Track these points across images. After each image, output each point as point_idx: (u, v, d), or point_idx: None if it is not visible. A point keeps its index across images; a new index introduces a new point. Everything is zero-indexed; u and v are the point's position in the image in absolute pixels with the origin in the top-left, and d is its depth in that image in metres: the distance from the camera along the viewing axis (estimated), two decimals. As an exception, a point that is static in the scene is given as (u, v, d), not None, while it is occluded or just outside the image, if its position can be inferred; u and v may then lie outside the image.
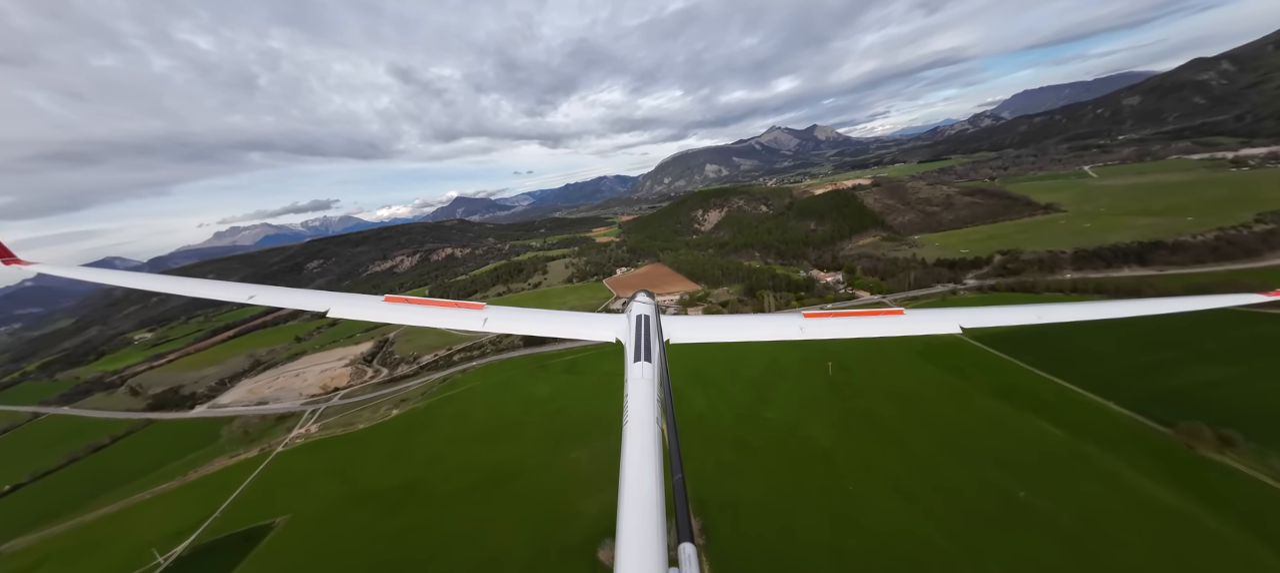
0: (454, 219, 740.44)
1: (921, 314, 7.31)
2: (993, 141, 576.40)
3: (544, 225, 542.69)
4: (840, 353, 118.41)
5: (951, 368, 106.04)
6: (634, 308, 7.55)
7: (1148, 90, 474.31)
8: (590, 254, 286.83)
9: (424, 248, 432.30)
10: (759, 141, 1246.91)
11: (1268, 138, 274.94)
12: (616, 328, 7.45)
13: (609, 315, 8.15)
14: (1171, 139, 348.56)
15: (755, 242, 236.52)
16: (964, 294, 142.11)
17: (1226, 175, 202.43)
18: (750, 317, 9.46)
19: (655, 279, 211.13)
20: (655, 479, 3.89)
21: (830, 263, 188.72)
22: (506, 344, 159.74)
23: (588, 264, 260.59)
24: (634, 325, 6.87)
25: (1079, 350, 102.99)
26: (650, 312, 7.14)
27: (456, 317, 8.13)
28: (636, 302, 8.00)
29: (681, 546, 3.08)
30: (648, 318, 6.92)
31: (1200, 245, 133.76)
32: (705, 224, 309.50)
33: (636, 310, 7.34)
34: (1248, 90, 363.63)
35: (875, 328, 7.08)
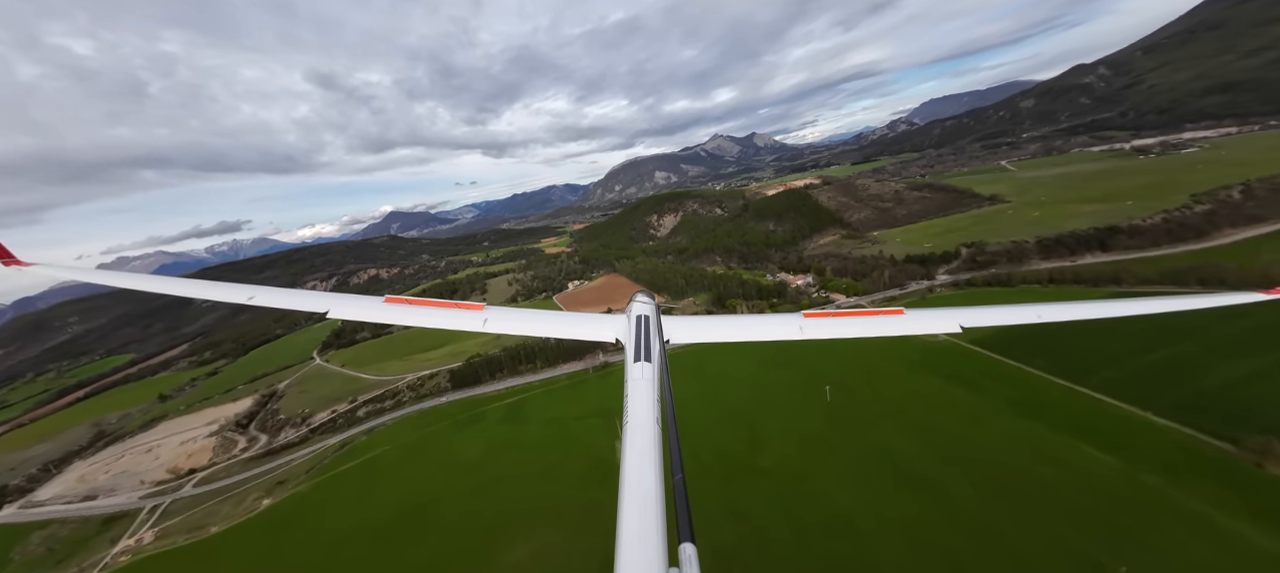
0: (385, 236, 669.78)
1: (922, 314, 7.08)
2: (913, 143, 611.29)
3: (488, 238, 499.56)
4: (834, 371, 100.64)
5: (957, 378, 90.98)
6: (634, 308, 7.14)
7: (1040, 94, 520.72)
8: (538, 268, 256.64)
9: (343, 270, 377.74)
10: (704, 149, 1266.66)
11: (1152, 130, 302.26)
12: (616, 328, 7.11)
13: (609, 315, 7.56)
14: (1069, 134, 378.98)
15: (716, 246, 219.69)
16: (942, 292, 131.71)
17: (1137, 163, 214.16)
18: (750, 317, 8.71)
19: (612, 292, 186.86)
20: (655, 479, 3.80)
21: (796, 264, 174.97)
22: (430, 389, 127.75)
23: (535, 279, 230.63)
24: (634, 325, 6.60)
25: (1083, 349, 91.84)
26: (650, 312, 6.83)
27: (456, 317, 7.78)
28: (636, 302, 7.47)
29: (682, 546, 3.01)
30: (647, 318, 6.63)
31: (1153, 229, 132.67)
32: (661, 229, 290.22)
33: (636, 310, 6.99)
34: (1124, 91, 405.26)
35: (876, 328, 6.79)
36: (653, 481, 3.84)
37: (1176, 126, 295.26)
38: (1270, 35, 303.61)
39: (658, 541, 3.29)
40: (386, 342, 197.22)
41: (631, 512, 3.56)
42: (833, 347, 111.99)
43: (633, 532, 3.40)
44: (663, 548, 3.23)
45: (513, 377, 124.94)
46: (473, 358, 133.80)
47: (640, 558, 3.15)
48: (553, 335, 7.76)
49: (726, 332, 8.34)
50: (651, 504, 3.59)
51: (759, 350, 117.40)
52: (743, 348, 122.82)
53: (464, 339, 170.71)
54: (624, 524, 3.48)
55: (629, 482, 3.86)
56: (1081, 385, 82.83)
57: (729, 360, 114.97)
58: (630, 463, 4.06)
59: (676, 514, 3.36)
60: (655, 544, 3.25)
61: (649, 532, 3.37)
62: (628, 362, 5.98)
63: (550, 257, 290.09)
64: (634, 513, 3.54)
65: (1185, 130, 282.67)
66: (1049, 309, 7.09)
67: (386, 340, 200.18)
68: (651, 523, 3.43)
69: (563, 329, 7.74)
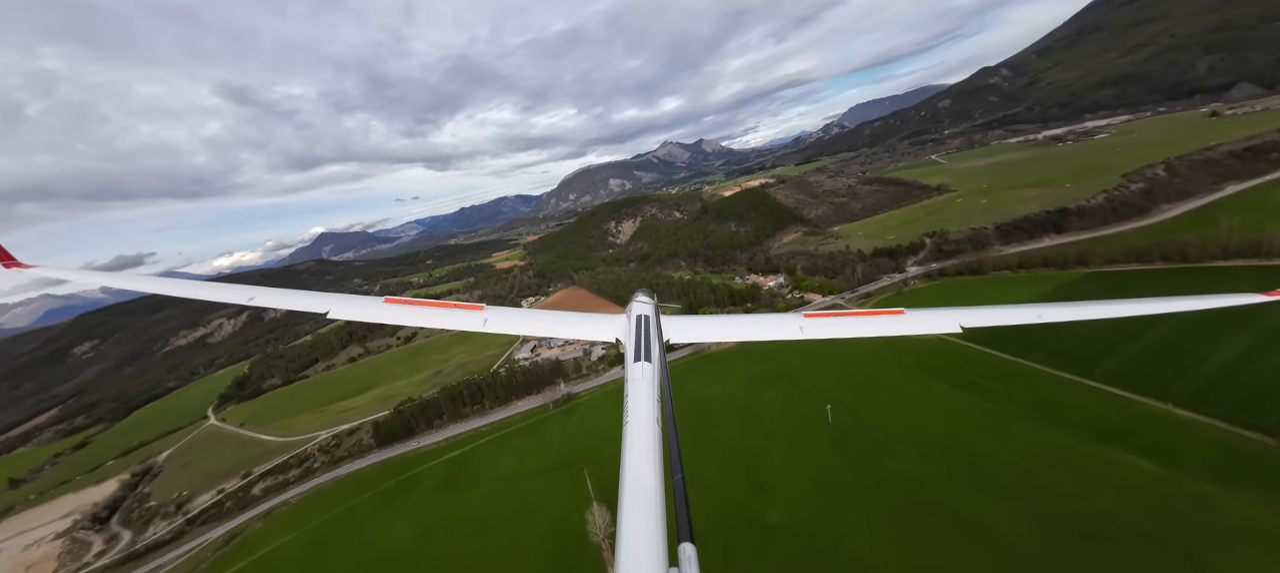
0: (313, 260, 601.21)
1: (922, 314, 6.93)
2: (847, 144, 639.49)
3: (432, 255, 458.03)
4: (828, 384, 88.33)
5: (962, 383, 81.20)
6: (634, 308, 7.05)
7: (955, 94, 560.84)
8: (487, 285, 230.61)
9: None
10: (655, 155, 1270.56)
11: (1057, 121, 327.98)
12: (616, 328, 6.98)
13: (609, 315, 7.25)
14: (986, 129, 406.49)
15: (679, 250, 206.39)
16: (917, 285, 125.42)
17: (1057, 150, 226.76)
18: (750, 316, 8.74)
19: (572, 307, 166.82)
20: (655, 479, 3.79)
21: (765, 265, 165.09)
22: (350, 449, 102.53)
23: (484, 298, 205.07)
24: (634, 325, 6.51)
25: (1075, 338, 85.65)
26: (650, 312, 6.75)
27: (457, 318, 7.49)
28: (636, 301, 7.34)
29: (681, 546, 2.98)
30: (647, 318, 6.55)
31: (1098, 209, 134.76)
32: (620, 236, 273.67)
33: (636, 310, 6.88)
34: (1026, 89, 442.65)
35: (876, 328, 6.73)
36: (653, 481, 3.77)
37: (1078, 117, 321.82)
38: (1146, 34, 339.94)
39: (658, 540, 3.25)
40: (299, 391, 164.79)
41: (631, 512, 3.49)
42: (823, 357, 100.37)
43: (633, 531, 3.33)
44: (663, 548, 3.18)
45: (455, 423, 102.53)
46: (403, 404, 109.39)
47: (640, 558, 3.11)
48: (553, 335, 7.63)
49: (727, 331, 7.98)
50: (651, 504, 3.54)
51: (742, 367, 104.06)
52: (724, 366, 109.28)
53: (392, 379, 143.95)
54: (624, 524, 3.41)
55: (629, 482, 3.79)
56: (1089, 379, 75.82)
57: (710, 381, 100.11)
58: (630, 463, 3.99)
59: (676, 514, 3.30)
60: (655, 544, 3.21)
61: (649, 532, 3.32)
62: (628, 361, 5.89)
63: (502, 272, 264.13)
64: (634, 513, 3.47)
65: (1085, 120, 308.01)
66: (1049, 310, 6.96)
67: (300, 388, 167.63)
68: (651, 523, 3.38)
69: (563, 329, 7.53)
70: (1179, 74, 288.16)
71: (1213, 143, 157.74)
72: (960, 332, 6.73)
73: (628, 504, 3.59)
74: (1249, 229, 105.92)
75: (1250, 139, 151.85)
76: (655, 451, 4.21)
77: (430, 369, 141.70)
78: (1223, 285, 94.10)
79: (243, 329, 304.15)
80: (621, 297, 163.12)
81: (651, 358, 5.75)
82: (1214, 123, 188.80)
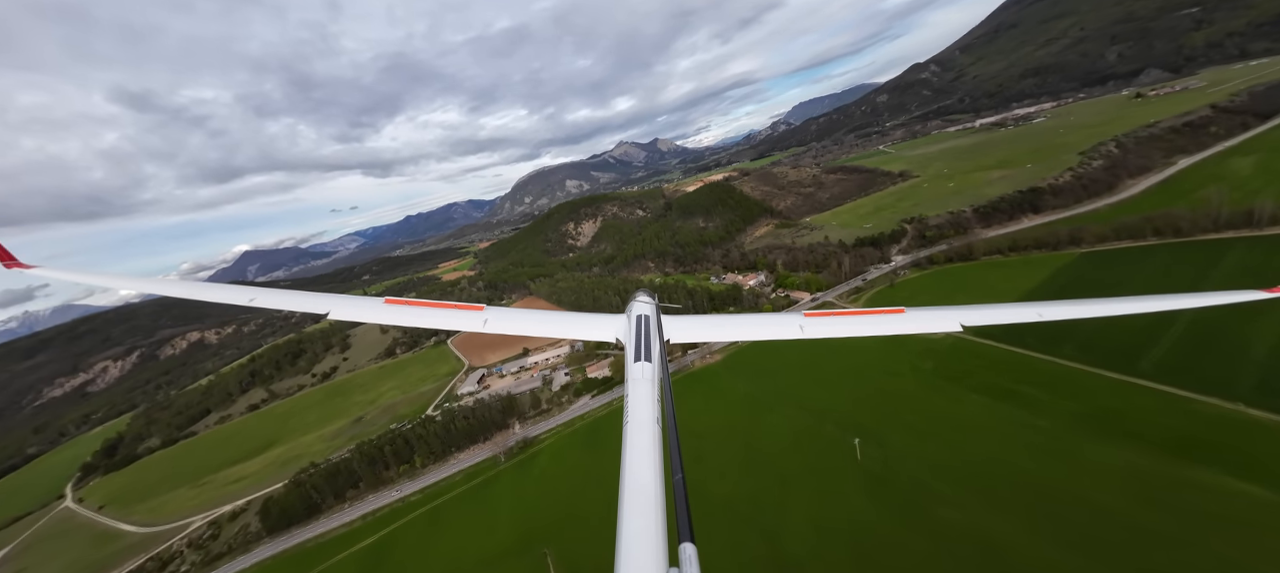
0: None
1: (922, 313, 6.86)
2: (796, 139, 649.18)
3: (371, 270, 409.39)
4: (841, 402, 72.12)
5: (997, 391, 67.71)
6: (634, 308, 6.93)
7: (891, 90, 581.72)
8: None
9: (154, 339, 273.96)
10: (612, 156, 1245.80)
11: (988, 111, 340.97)
12: (616, 328, 6.90)
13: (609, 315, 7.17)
14: (924, 120, 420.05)
15: (646, 250, 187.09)
16: (909, 275, 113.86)
17: (1002, 135, 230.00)
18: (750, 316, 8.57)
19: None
20: (655, 479, 3.74)
21: (740, 262, 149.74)
22: (230, 542, 74.89)
23: None
24: (634, 325, 6.42)
25: (1107, 327, 74.89)
26: (650, 312, 6.63)
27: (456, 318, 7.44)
28: (637, 302, 7.22)
29: (682, 545, 2.94)
30: (648, 318, 6.46)
31: (1068, 187, 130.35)
32: (581, 238, 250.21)
33: (637, 310, 6.76)
34: (954, 82, 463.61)
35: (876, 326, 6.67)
36: (653, 480, 3.71)
37: (1006, 106, 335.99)
38: (1057, 29, 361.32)
39: (658, 540, 3.20)
40: (182, 453, 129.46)
41: (632, 511, 3.44)
42: (825, 368, 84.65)
43: (633, 532, 3.28)
44: (663, 548, 3.15)
45: (376, 492, 77.17)
46: (305, 472, 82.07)
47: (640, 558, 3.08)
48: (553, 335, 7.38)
49: (727, 331, 7.90)
50: (651, 504, 3.48)
51: (736, 387, 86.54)
52: (713, 387, 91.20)
53: (299, 431, 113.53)
54: (624, 524, 3.36)
55: (629, 482, 3.73)
56: (1135, 377, 64.34)
57: (700, 407, 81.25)
58: (630, 463, 3.92)
59: (676, 514, 3.23)
60: (655, 544, 3.17)
61: (649, 532, 3.28)
62: (628, 361, 5.75)
63: (447, 285, 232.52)
64: (634, 513, 3.42)
65: (1013, 108, 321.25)
66: (1050, 308, 6.88)
67: (184, 450, 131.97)
68: (651, 523, 3.33)
69: (564, 329, 7.34)
70: (1091, 63, 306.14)
71: (1152, 120, 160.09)
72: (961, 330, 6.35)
73: (628, 504, 3.49)
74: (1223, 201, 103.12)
75: (1186, 116, 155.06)
76: (655, 451, 4.08)
77: (349, 416, 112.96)
78: (1221, 260, 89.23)
79: (131, 373, 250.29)
80: (585, 307, 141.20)
81: (652, 358, 5.53)
82: (1141, 104, 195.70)
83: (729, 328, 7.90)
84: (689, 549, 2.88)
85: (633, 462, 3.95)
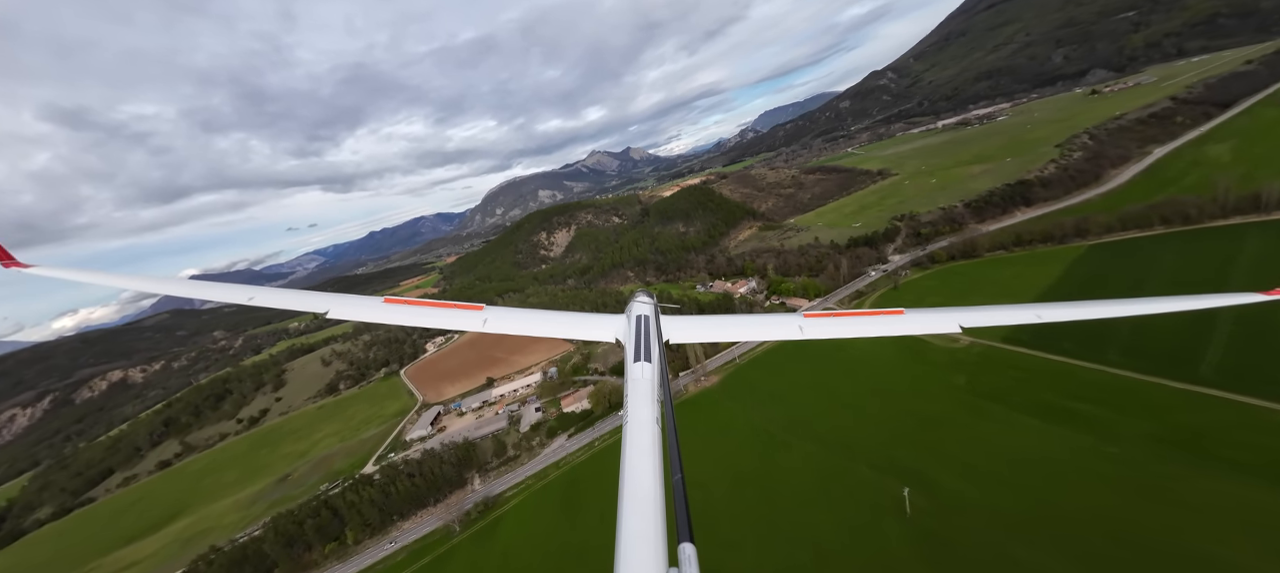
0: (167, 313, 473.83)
1: (922, 314, 6.82)
2: (765, 145, 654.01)
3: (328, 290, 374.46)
4: (875, 438, 59.11)
5: (1051, 411, 56.79)
6: (634, 308, 6.91)
7: (853, 96, 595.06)
8: (381, 328, 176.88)
9: (71, 380, 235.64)
10: (584, 165, 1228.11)
11: (947, 112, 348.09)
12: (616, 328, 6.90)
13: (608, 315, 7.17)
14: (887, 123, 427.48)
15: (624, 259, 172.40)
16: (912, 275, 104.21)
17: (969, 133, 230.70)
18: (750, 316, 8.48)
19: (493, 344, 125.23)
20: (655, 479, 3.70)
21: (726, 267, 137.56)
22: None
23: (373, 346, 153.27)
24: (634, 325, 6.38)
25: (1146, 326, 65.89)
26: (650, 311, 6.65)
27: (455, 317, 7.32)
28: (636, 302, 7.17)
29: (681, 545, 2.92)
30: (647, 318, 6.43)
31: (1056, 179, 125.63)
32: (554, 248, 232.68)
33: (637, 310, 6.74)
34: (911, 88, 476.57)
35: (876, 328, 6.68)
36: (652, 480, 3.67)
37: (964, 107, 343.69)
38: (1005, 35, 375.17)
39: (657, 540, 3.17)
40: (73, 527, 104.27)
41: (631, 511, 3.40)
42: (844, 389, 72.16)
43: (633, 532, 3.25)
44: (662, 548, 3.12)
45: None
46: (205, 559, 62.04)
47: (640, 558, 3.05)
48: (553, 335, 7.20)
49: (727, 331, 7.67)
50: (651, 504, 3.45)
51: (739, 416, 72.58)
52: (713, 416, 76.51)
53: (214, 495, 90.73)
54: (624, 524, 3.32)
55: (629, 482, 3.68)
56: (1198, 385, 54.47)
57: (700, 447, 66.68)
58: (630, 463, 3.87)
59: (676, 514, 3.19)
60: (655, 544, 3.14)
61: (649, 532, 3.24)
62: (627, 361, 5.68)
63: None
64: (634, 513, 3.38)
65: (971, 110, 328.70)
66: (1049, 310, 6.80)
67: (76, 522, 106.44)
68: (651, 523, 3.30)
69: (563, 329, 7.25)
70: (1040, 66, 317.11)
71: (1117, 113, 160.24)
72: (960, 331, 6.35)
73: (628, 504, 3.45)
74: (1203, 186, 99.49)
75: (1149, 107, 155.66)
76: (655, 451, 4.02)
77: (274, 473, 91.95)
78: (1240, 249, 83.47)
79: (41, 421, 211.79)
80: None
81: (651, 358, 5.45)
82: (1098, 99, 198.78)
83: (728, 328, 7.67)
84: (688, 549, 2.86)
85: (632, 462, 3.84)
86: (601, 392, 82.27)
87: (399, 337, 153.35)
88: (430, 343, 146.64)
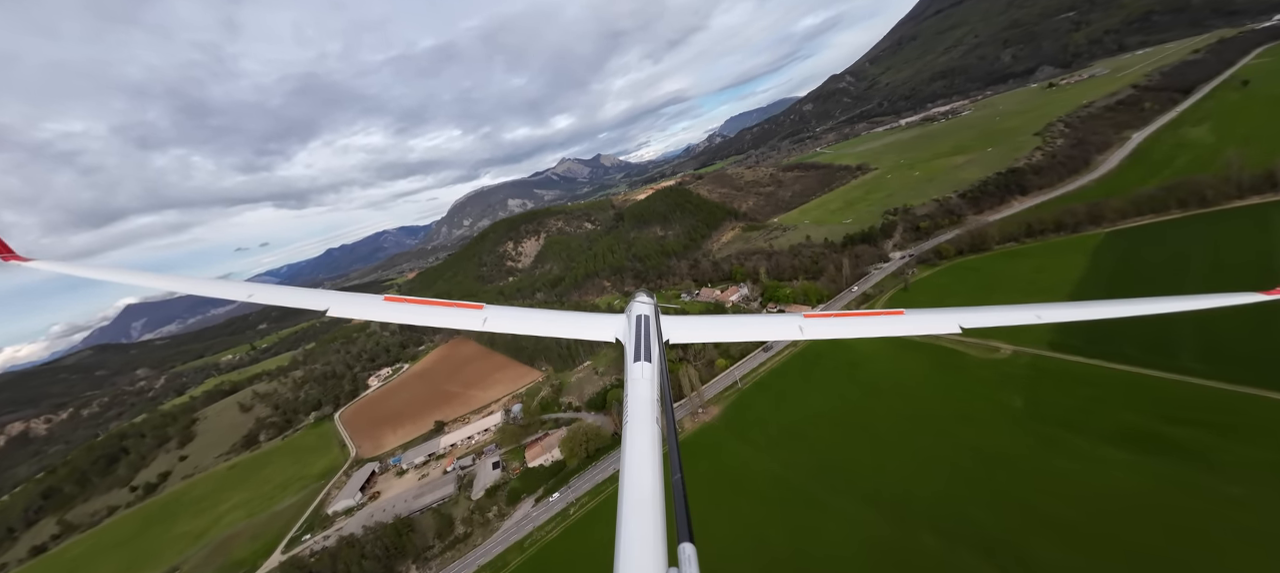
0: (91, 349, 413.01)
1: (921, 314, 6.79)
2: (734, 148, 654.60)
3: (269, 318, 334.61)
4: (930, 486, 44.73)
5: (1150, 441, 44.21)
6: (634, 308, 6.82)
7: (815, 99, 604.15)
8: (327, 355, 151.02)
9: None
10: (555, 173, 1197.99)
11: (908, 111, 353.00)
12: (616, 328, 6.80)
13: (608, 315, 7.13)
14: (852, 123, 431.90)
15: (599, 267, 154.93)
16: (921, 274, 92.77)
17: (938, 127, 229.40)
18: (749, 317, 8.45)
19: (445, 377, 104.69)
20: (655, 479, 3.65)
21: (712, 272, 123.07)
22: None
23: (305, 384, 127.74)
24: (634, 325, 6.28)
25: (1214, 324, 55.48)
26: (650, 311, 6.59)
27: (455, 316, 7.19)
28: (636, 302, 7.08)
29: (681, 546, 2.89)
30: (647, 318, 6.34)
31: (1048, 167, 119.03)
32: (522, 258, 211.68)
33: (637, 310, 6.66)
34: (870, 90, 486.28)
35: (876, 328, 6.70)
36: (652, 480, 3.62)
37: (923, 106, 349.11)
38: (954, 38, 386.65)
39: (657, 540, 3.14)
40: None
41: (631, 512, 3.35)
42: (877, 420, 58.09)
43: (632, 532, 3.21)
44: (662, 548, 3.08)
45: None
46: None
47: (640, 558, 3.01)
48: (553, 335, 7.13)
49: (726, 331, 7.70)
50: (651, 504, 3.40)
51: (755, 464, 56.27)
52: (722, 467, 59.58)
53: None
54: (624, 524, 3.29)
55: (629, 482, 3.63)
56: None
57: (704, 506, 50.32)
58: (630, 463, 3.82)
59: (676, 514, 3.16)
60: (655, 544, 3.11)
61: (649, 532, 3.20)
62: (627, 361, 5.59)
63: (353, 330, 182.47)
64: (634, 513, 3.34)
65: (930, 108, 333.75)
66: (1048, 310, 6.68)
67: None
68: (651, 523, 3.26)
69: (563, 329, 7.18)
70: (990, 65, 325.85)
71: (1086, 101, 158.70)
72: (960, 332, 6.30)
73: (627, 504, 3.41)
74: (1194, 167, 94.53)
75: (1115, 95, 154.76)
76: (655, 451, 3.96)
77: (162, 563, 68.68)
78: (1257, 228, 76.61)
79: None
80: (527, 346, 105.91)
81: (651, 358, 5.36)
82: (1057, 92, 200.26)
83: (729, 328, 7.71)
84: (688, 549, 2.83)
85: (632, 462, 3.79)
86: (577, 437, 64.53)
87: (338, 372, 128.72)
88: (374, 377, 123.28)
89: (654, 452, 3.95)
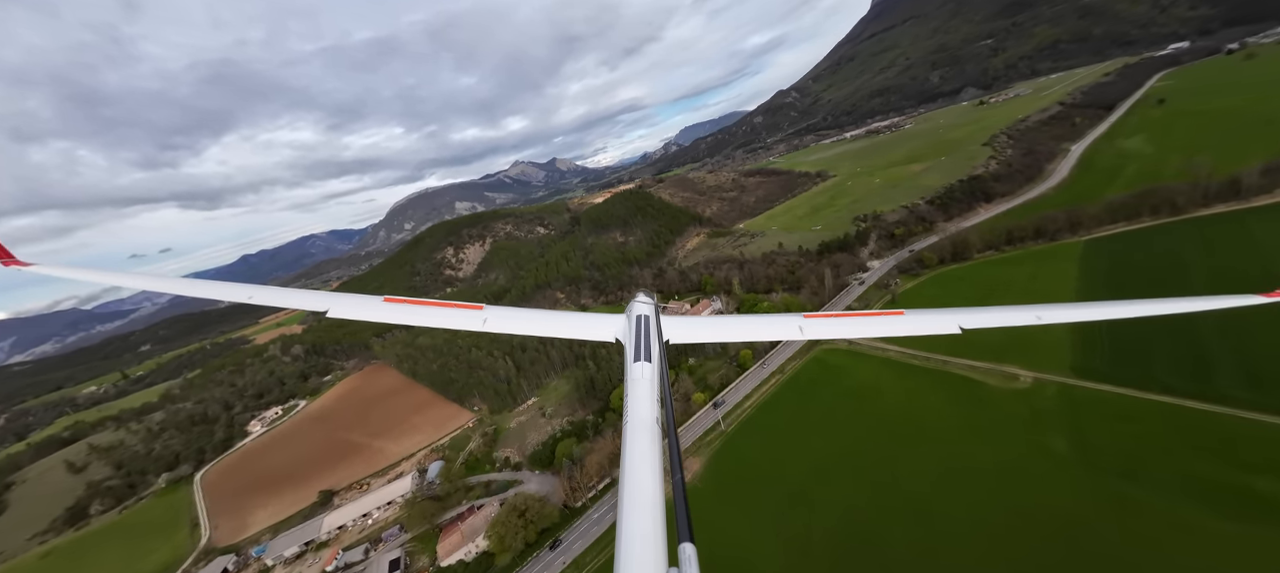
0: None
1: (921, 315, 6.64)
2: (690, 156, 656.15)
3: (156, 337, 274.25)
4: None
5: (1242, 499, 34.73)
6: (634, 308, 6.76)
7: (765, 112, 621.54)
8: (206, 389, 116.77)
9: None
10: (508, 176, 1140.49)
11: (850, 126, 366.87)
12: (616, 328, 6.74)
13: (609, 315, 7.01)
14: (800, 135, 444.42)
15: (552, 276, 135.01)
16: (907, 284, 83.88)
17: (883, 139, 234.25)
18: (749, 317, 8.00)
19: (357, 414, 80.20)
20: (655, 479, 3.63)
21: (679, 282, 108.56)
22: None
23: (165, 431, 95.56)
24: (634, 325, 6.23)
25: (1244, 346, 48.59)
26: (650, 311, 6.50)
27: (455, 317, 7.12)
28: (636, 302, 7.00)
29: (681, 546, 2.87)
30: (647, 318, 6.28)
31: (1006, 175, 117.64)
32: (463, 267, 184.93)
33: (637, 310, 6.60)
34: (813, 105, 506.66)
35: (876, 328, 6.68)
36: (653, 481, 3.59)
37: (863, 121, 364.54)
38: (887, 60, 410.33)
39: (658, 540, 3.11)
40: None
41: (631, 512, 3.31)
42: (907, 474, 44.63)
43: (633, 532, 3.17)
44: (663, 548, 3.06)
45: None
46: None
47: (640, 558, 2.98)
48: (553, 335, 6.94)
49: (726, 332, 7.57)
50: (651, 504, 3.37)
51: (764, 543, 40.20)
52: (714, 544, 44.49)
53: None
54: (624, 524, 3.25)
55: (629, 482, 3.59)
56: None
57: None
58: (630, 463, 3.78)
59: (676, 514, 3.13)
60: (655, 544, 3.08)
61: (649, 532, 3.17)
62: (627, 361, 5.52)
63: (251, 355, 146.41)
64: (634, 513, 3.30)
65: (869, 123, 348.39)
66: (1048, 311, 6.58)
67: None
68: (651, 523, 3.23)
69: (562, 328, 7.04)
70: (920, 85, 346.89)
71: (1021, 116, 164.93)
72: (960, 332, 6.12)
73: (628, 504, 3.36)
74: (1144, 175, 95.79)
75: (1046, 111, 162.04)
76: (655, 451, 3.90)
77: None
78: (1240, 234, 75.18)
79: None
80: (458, 379, 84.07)
81: (651, 358, 5.28)
82: (988, 108, 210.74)
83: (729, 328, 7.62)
84: (688, 549, 2.81)
85: (632, 463, 3.74)
86: (512, 514, 45.56)
87: (211, 414, 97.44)
88: (257, 421, 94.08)
89: (654, 452, 3.82)
